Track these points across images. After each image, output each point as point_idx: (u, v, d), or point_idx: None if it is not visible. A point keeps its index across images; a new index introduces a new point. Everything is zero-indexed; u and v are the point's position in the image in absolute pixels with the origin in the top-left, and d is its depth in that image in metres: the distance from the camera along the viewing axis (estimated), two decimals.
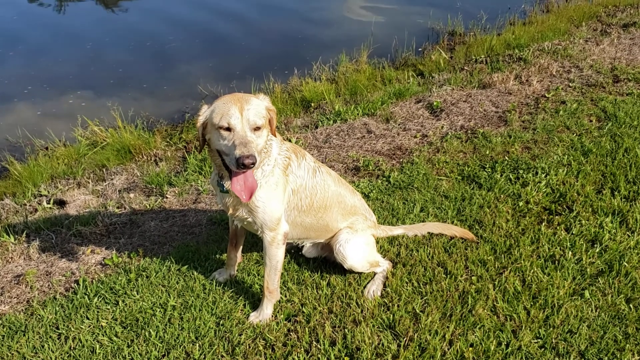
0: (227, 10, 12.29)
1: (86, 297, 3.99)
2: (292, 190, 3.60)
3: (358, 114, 6.82)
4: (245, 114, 3.07)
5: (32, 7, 12.63)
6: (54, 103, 8.33)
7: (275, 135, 3.43)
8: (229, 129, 3.06)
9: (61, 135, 7.01)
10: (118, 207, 5.32)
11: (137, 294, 3.98)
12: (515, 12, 11.22)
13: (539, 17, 10.90)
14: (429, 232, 4.42)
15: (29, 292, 4.18)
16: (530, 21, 10.76)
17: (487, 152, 5.64)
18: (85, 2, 12.93)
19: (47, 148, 6.81)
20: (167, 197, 5.40)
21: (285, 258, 4.14)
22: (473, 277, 3.98)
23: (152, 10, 12.37)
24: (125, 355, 3.49)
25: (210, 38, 10.74)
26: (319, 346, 3.48)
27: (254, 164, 2.97)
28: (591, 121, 6.18)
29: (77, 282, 4.22)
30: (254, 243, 4.41)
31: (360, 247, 3.92)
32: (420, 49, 9.79)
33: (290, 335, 3.61)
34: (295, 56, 9.63)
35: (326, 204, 3.80)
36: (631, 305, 3.69)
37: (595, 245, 4.24)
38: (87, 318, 3.80)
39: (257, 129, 3.12)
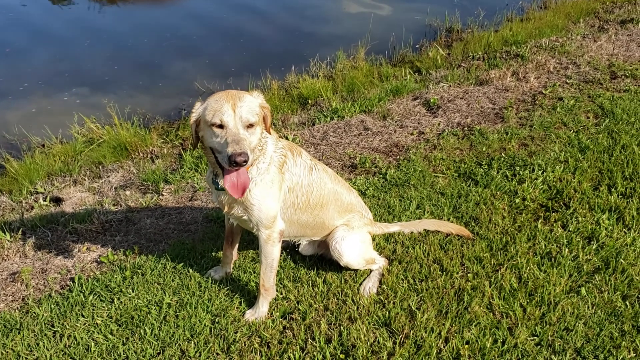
0: (224, 7, 12.25)
1: (81, 294, 3.98)
2: (288, 188, 3.59)
3: (355, 111, 6.80)
4: (238, 111, 3.05)
5: (29, 4, 12.56)
6: (50, 100, 8.30)
7: (270, 133, 3.42)
8: (221, 126, 3.05)
9: (57, 133, 6.99)
10: (114, 205, 5.30)
11: (133, 291, 3.96)
12: (512, 9, 11.21)
13: (536, 13, 10.91)
14: (425, 229, 4.41)
15: (24, 290, 4.17)
16: (527, 17, 10.77)
17: (484, 149, 5.63)
18: (80, 1, 12.85)
19: (43, 145, 6.79)
20: (163, 195, 5.38)
21: (281, 256, 4.13)
22: (469, 274, 3.97)
23: (148, 9, 12.33)
24: (120, 353, 3.48)
25: (207, 35, 10.70)
26: (314, 343, 3.48)
27: (246, 161, 2.96)
28: (588, 118, 6.18)
29: (72, 279, 4.20)
30: (250, 241, 4.40)
31: (356, 244, 3.92)
32: (417, 46, 9.79)
33: (286, 332, 3.60)
34: (292, 53, 9.61)
35: (322, 201, 3.79)
36: (627, 303, 3.69)
37: (592, 242, 4.23)
38: (83, 316, 3.79)
39: (250, 126, 3.10)
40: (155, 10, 12.18)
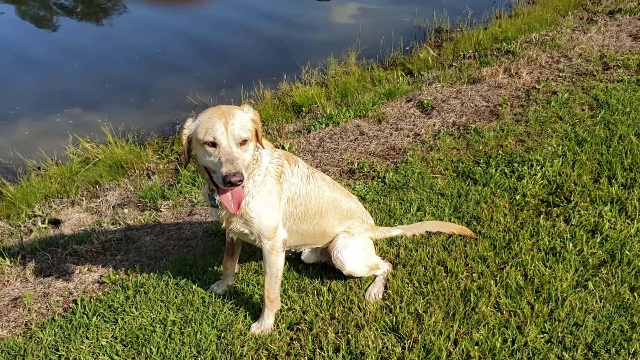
0: (211, 19, 12.24)
1: (85, 316, 3.93)
2: (287, 198, 3.56)
3: (350, 116, 6.78)
4: (230, 129, 3.02)
5: (18, 25, 12.50)
6: (42, 122, 8.26)
7: (262, 145, 3.39)
8: (214, 145, 3.01)
9: (53, 154, 6.95)
10: (113, 224, 5.26)
11: (136, 310, 3.92)
12: (500, 6, 11.24)
13: (524, 8, 10.92)
14: (427, 231, 4.38)
15: (26, 315, 4.12)
16: (516, 13, 10.78)
17: (481, 148, 5.61)
18: (71, 20, 12.79)
19: (39, 168, 6.75)
20: (161, 211, 5.35)
21: (284, 265, 4.10)
22: (474, 274, 3.94)
23: (136, 28, 12.27)
24: None
25: (196, 49, 10.67)
26: (322, 353, 3.44)
27: (241, 181, 2.93)
28: (584, 110, 6.16)
29: (75, 301, 4.16)
30: (252, 252, 4.36)
31: (357, 251, 3.88)
32: (407, 48, 9.79)
33: (293, 344, 3.56)
34: (283, 61, 9.60)
35: (322, 210, 3.76)
36: (635, 294, 3.66)
37: (596, 235, 4.20)
38: (87, 338, 3.75)
39: (243, 142, 3.07)
40: (144, 28, 12.13)
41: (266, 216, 3.41)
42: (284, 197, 3.53)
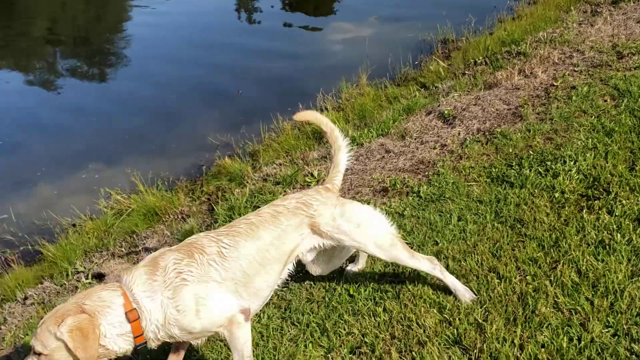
0: (219, 61, 12.31)
1: None
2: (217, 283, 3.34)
3: (372, 136, 6.81)
4: (33, 339, 2.99)
5: (31, 90, 12.67)
6: (69, 180, 8.33)
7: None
8: None
9: (85, 210, 7.02)
10: None
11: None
12: (502, 10, 11.25)
13: (526, 9, 10.93)
14: None
15: None
16: (518, 15, 10.79)
17: (510, 150, 5.60)
18: (81, 80, 12.92)
19: (74, 225, 6.83)
20: None
21: (335, 291, 4.11)
22: (527, 277, 3.93)
23: (146, 75, 12.41)
24: None
25: (209, 91, 10.73)
26: None
27: None
28: (606, 101, 6.15)
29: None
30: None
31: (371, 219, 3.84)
32: (416, 62, 9.85)
33: None
34: (296, 92, 9.61)
35: (262, 257, 3.51)
36: None
37: None
38: None
39: (39, 354, 2.92)
40: (151, 75, 12.25)
41: (203, 319, 3.27)
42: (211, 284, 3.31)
